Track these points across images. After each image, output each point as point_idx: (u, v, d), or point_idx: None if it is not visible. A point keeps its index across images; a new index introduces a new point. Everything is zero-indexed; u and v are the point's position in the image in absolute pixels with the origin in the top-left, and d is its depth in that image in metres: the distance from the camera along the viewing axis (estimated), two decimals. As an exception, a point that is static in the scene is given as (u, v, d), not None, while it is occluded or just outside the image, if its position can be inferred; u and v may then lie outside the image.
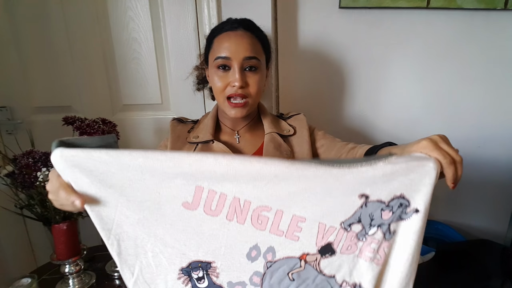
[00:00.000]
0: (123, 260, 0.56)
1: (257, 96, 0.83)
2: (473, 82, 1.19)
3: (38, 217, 1.01)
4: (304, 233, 0.50)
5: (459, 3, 1.09)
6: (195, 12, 1.12)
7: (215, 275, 0.54)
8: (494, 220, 1.33)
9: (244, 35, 0.80)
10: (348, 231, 0.51)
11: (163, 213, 0.50)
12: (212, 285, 0.54)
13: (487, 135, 1.24)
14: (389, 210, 0.49)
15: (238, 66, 0.78)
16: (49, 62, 1.21)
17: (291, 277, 0.53)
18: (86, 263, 1.05)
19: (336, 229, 0.50)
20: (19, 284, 0.83)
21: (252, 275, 0.53)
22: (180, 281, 0.54)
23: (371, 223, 0.50)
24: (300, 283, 0.53)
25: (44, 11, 1.15)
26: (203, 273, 0.54)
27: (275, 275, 0.53)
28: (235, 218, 0.50)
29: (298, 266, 0.53)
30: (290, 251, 0.52)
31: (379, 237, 0.51)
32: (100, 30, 1.17)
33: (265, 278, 0.53)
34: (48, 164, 0.94)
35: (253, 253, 0.52)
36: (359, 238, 0.51)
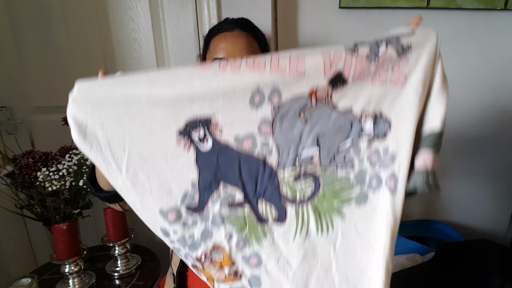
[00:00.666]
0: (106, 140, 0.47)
1: None
2: (473, 82, 1.19)
3: (38, 217, 1.01)
4: (308, 65, 0.45)
5: (459, 3, 1.09)
6: (195, 12, 1.12)
7: (219, 131, 0.47)
8: (494, 220, 1.33)
9: (241, 35, 0.79)
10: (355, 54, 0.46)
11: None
12: (217, 145, 0.48)
13: (487, 134, 1.24)
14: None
15: None
16: (49, 62, 1.20)
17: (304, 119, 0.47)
18: (86, 263, 1.05)
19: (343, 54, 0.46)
20: (19, 284, 0.83)
21: (260, 124, 0.47)
22: (181, 148, 0.48)
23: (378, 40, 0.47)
24: (315, 123, 0.47)
25: (44, 11, 1.15)
26: (204, 131, 0.47)
27: (285, 120, 0.47)
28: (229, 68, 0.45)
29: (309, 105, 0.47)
30: (297, 88, 0.46)
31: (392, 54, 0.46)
32: (100, 30, 1.16)
33: (275, 126, 0.47)
34: (48, 164, 0.95)
35: (256, 99, 0.46)
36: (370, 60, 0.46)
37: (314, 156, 0.49)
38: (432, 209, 1.35)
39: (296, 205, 0.50)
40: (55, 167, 0.93)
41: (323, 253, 0.50)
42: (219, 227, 0.50)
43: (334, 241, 0.50)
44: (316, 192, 0.50)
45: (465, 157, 1.28)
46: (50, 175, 0.91)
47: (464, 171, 1.29)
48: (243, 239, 0.50)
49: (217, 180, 0.49)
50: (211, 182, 0.49)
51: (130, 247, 1.05)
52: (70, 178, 0.94)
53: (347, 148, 0.49)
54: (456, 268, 0.95)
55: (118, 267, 1.02)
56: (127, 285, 0.97)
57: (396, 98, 0.47)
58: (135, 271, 1.02)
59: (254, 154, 0.49)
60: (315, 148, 0.48)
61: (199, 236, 0.50)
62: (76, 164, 0.94)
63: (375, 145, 0.48)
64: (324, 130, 0.48)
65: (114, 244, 0.99)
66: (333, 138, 0.48)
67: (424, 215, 1.36)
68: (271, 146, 0.48)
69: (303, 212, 0.50)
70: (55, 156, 0.98)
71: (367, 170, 0.49)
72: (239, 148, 0.48)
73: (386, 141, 0.47)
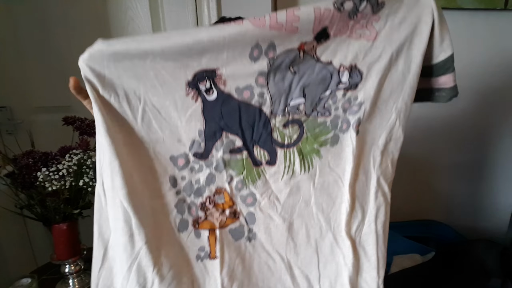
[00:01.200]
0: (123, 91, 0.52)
1: None
2: (473, 82, 1.19)
3: (38, 217, 1.01)
4: (302, 21, 0.50)
5: (459, 3, 1.09)
6: (195, 12, 1.13)
7: (222, 83, 0.53)
8: (494, 220, 1.33)
9: None
10: (341, 11, 0.50)
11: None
12: (221, 95, 0.53)
13: (487, 134, 1.24)
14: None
15: None
16: (49, 62, 1.21)
17: (293, 70, 0.54)
18: (86, 263, 1.05)
19: (331, 11, 0.50)
20: (19, 284, 0.83)
21: (257, 76, 0.53)
22: (190, 97, 0.53)
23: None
24: (302, 74, 0.54)
25: (44, 11, 1.15)
26: (210, 83, 0.52)
27: (278, 72, 0.54)
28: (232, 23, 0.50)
29: (298, 58, 0.53)
30: (290, 43, 0.52)
31: (367, 11, 0.51)
32: (100, 30, 1.17)
33: (269, 78, 0.54)
34: (48, 164, 0.95)
35: (255, 53, 0.52)
36: (350, 17, 0.51)
37: (300, 105, 0.56)
38: (432, 209, 1.35)
39: (285, 148, 0.58)
40: (55, 167, 0.93)
41: (304, 188, 0.59)
42: (222, 171, 0.56)
43: (314, 177, 0.59)
44: (301, 136, 0.58)
45: (466, 157, 1.28)
46: (50, 175, 0.91)
47: (464, 171, 1.29)
48: (241, 181, 0.58)
49: (221, 129, 0.55)
50: (216, 131, 0.55)
51: (130, 247, 1.05)
52: (70, 178, 0.94)
53: (326, 97, 0.56)
54: (456, 268, 0.95)
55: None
56: (127, 285, 0.97)
57: (367, 53, 0.53)
58: (135, 271, 1.02)
59: (252, 104, 0.55)
60: (302, 98, 0.56)
61: (204, 180, 0.56)
62: (76, 164, 0.94)
63: (348, 94, 0.55)
64: (309, 81, 0.55)
65: (114, 244, 0.99)
66: (316, 88, 0.55)
67: (424, 215, 1.36)
68: (265, 96, 0.55)
69: (290, 154, 0.58)
70: (55, 156, 0.98)
71: (340, 116, 0.57)
72: (240, 98, 0.54)
73: (356, 90, 0.55)
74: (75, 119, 1.05)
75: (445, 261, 0.99)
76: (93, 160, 0.97)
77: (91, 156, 0.97)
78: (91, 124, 1.03)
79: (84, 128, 1.01)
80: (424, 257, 1.08)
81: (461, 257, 0.97)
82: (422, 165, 1.30)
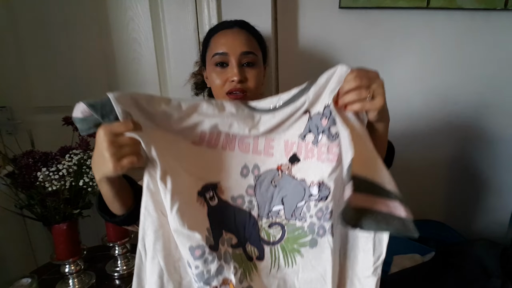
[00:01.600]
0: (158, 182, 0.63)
1: (256, 91, 0.82)
2: (473, 82, 1.19)
3: (38, 217, 1.01)
4: (276, 150, 0.68)
5: (459, 3, 1.09)
6: (195, 12, 1.13)
7: (221, 193, 0.67)
8: (494, 220, 1.33)
9: (240, 32, 0.81)
10: (304, 141, 0.66)
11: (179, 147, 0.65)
12: (221, 202, 0.67)
13: (487, 134, 1.24)
14: (325, 118, 0.63)
15: (236, 61, 0.77)
16: (49, 62, 1.21)
17: (274, 184, 0.68)
18: (86, 263, 1.05)
19: (296, 142, 0.67)
20: (19, 284, 0.83)
21: (247, 188, 0.68)
22: (199, 203, 0.66)
23: (318, 131, 0.65)
24: (281, 188, 0.68)
25: (44, 11, 1.15)
26: (213, 193, 0.67)
27: (263, 185, 0.68)
28: (228, 147, 0.67)
29: (277, 176, 0.68)
30: (269, 165, 0.68)
31: (325, 141, 0.64)
32: (100, 30, 1.17)
33: (256, 189, 0.68)
34: (48, 164, 0.95)
35: (244, 171, 0.68)
36: (313, 145, 0.65)
37: (280, 210, 0.69)
38: (432, 209, 1.35)
39: (270, 245, 0.69)
40: (55, 167, 0.93)
41: (290, 282, 0.68)
42: (229, 263, 0.65)
43: (297, 272, 0.68)
44: (283, 236, 0.69)
45: (466, 157, 1.28)
46: (50, 175, 0.91)
47: (464, 171, 1.30)
48: (242, 273, 0.66)
49: (221, 228, 0.67)
50: (218, 229, 0.66)
51: (130, 247, 1.05)
52: (70, 178, 0.94)
53: (302, 206, 0.68)
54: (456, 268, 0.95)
55: (118, 267, 1.02)
56: (127, 285, 0.97)
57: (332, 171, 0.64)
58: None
59: (243, 208, 0.69)
60: (281, 205, 0.69)
61: (214, 271, 0.63)
62: (76, 164, 0.94)
63: (320, 205, 0.66)
64: (286, 193, 0.68)
65: (114, 244, 1.00)
66: (292, 199, 0.68)
67: (424, 215, 1.36)
68: (254, 203, 0.69)
69: (275, 251, 0.69)
70: (55, 156, 0.98)
71: (316, 223, 0.67)
72: (234, 205, 0.68)
73: (327, 201, 0.65)
74: (75, 119, 1.05)
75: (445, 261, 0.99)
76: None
77: (91, 156, 0.97)
78: (91, 124, 1.03)
79: (84, 128, 1.01)
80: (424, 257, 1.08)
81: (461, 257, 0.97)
82: (422, 165, 1.30)
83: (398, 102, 1.23)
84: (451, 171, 1.30)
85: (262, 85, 0.86)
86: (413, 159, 1.29)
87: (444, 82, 1.19)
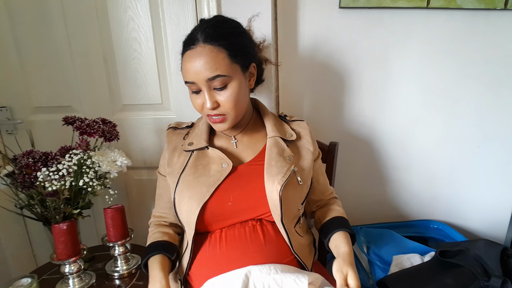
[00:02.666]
0: None
1: (237, 108, 0.79)
2: (473, 82, 1.19)
3: (38, 217, 1.01)
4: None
5: (459, 3, 1.09)
6: (195, 12, 1.13)
7: None
8: (494, 220, 1.33)
9: (203, 51, 0.74)
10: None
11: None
12: None
13: (487, 134, 1.24)
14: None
15: (205, 88, 0.76)
16: (49, 62, 1.21)
17: None
18: (86, 263, 1.05)
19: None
20: (19, 284, 0.83)
21: None
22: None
23: None
24: None
25: (44, 11, 1.15)
26: None
27: None
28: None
29: None
30: None
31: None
32: (100, 30, 1.17)
33: None
34: (48, 164, 0.95)
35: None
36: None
37: None
38: (432, 209, 1.35)
39: None
40: (55, 167, 0.93)
41: None
42: None
43: None
44: None
45: (465, 157, 1.28)
46: (50, 175, 0.91)
47: (464, 170, 1.29)
48: None
49: None
50: None
51: (130, 247, 1.05)
52: (70, 178, 0.94)
53: None
54: (456, 268, 0.95)
55: (118, 267, 1.02)
56: (127, 285, 0.97)
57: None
58: (135, 271, 1.02)
59: None
60: None
61: None
62: (76, 164, 0.94)
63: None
64: None
65: (114, 244, 1.00)
66: None
67: (424, 215, 1.36)
68: None
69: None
70: (55, 156, 0.98)
71: None
72: None
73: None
74: (75, 119, 1.06)
75: (445, 261, 0.99)
76: (93, 160, 0.97)
77: (91, 156, 0.97)
78: (91, 124, 1.03)
79: (84, 128, 1.01)
80: (424, 257, 1.08)
81: (461, 257, 0.97)
82: (421, 165, 1.30)
83: (397, 102, 1.23)
84: (451, 170, 1.30)
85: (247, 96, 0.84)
86: (413, 159, 1.29)
87: (444, 81, 1.19)
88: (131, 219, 1.18)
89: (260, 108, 0.95)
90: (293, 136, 0.89)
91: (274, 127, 0.88)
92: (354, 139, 1.27)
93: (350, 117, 1.26)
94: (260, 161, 0.84)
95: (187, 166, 0.84)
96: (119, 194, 1.08)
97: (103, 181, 1.01)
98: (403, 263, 1.06)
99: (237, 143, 0.89)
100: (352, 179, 1.32)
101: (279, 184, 0.77)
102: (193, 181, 0.81)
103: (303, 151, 0.89)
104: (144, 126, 1.25)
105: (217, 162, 0.83)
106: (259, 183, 0.80)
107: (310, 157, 0.88)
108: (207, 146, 0.86)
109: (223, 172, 0.81)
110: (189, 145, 0.87)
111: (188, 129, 0.94)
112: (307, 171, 0.86)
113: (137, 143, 1.27)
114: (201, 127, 0.90)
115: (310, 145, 0.90)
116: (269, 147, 0.85)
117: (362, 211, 1.36)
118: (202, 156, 0.85)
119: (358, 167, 1.31)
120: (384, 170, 1.31)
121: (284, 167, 0.81)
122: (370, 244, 1.18)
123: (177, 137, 0.92)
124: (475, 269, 0.91)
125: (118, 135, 1.07)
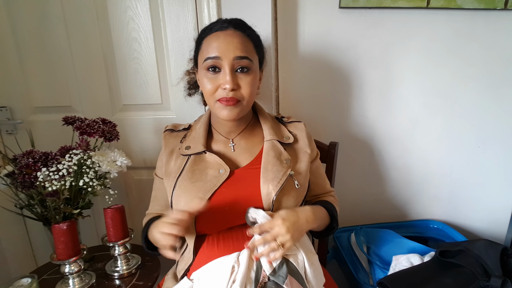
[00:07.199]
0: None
1: (251, 99, 0.79)
2: (473, 82, 1.19)
3: (38, 217, 1.01)
4: None
5: (459, 3, 1.09)
6: (195, 12, 1.12)
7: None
8: (494, 220, 1.33)
9: (234, 34, 0.77)
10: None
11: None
12: None
13: (487, 134, 1.24)
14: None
15: (229, 66, 0.74)
16: (49, 62, 1.21)
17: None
18: (86, 263, 1.05)
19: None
20: (19, 284, 0.83)
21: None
22: None
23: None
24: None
25: (44, 11, 1.15)
26: None
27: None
28: None
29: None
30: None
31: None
32: (100, 30, 1.17)
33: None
34: (48, 164, 0.95)
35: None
36: None
37: None
38: (432, 209, 1.35)
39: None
40: (55, 167, 0.93)
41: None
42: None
43: None
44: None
45: (465, 157, 1.28)
46: (50, 175, 0.91)
47: (464, 170, 1.30)
48: None
49: None
50: None
51: (130, 247, 1.05)
52: (70, 178, 0.94)
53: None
54: (456, 268, 0.95)
55: (118, 267, 1.02)
56: (127, 285, 0.97)
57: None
58: (135, 271, 1.02)
59: None
60: None
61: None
62: (76, 164, 0.94)
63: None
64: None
65: (114, 244, 1.00)
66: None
67: (424, 215, 1.36)
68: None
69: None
70: (55, 156, 0.98)
71: None
72: None
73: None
74: (75, 119, 1.06)
75: (445, 261, 0.99)
76: (93, 160, 0.97)
77: (91, 156, 0.97)
78: (91, 124, 1.03)
79: (84, 128, 1.01)
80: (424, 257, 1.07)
81: (461, 257, 0.97)
82: (421, 165, 1.30)
83: (397, 102, 1.23)
84: (451, 170, 1.30)
85: (257, 92, 0.85)
86: (413, 159, 1.29)
87: (444, 81, 1.19)
88: (131, 219, 1.18)
89: (258, 110, 0.94)
90: (290, 139, 0.88)
91: (271, 130, 0.88)
92: (354, 139, 1.27)
93: (350, 117, 1.26)
94: (257, 165, 0.83)
95: (184, 171, 0.83)
96: (119, 194, 1.08)
97: (103, 181, 1.01)
98: (403, 263, 1.06)
99: (234, 146, 0.88)
100: (352, 179, 1.32)
101: (274, 190, 0.77)
102: (189, 186, 0.80)
103: (300, 153, 0.88)
104: (144, 126, 1.25)
105: (214, 168, 0.82)
106: (256, 187, 0.79)
107: (308, 160, 0.88)
108: (204, 151, 0.85)
109: (220, 178, 0.80)
110: (187, 149, 0.86)
111: (185, 132, 0.93)
112: (304, 174, 0.86)
113: (137, 143, 1.27)
114: (199, 131, 0.89)
115: (307, 147, 0.89)
116: (266, 151, 0.84)
117: (362, 211, 1.36)
118: (199, 161, 0.84)
119: (358, 167, 1.31)
120: (384, 170, 1.31)
121: (280, 171, 0.80)
122: (370, 244, 1.18)
123: (174, 139, 0.92)
124: (475, 269, 0.91)
125: (118, 135, 1.07)
